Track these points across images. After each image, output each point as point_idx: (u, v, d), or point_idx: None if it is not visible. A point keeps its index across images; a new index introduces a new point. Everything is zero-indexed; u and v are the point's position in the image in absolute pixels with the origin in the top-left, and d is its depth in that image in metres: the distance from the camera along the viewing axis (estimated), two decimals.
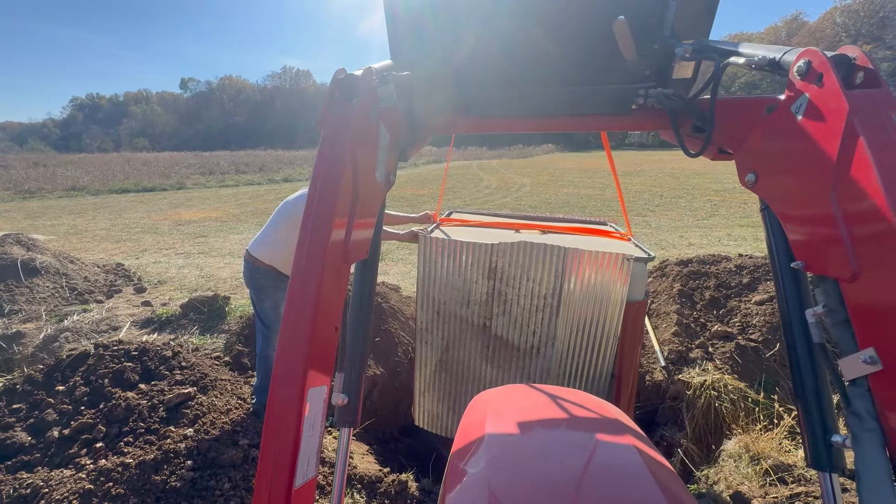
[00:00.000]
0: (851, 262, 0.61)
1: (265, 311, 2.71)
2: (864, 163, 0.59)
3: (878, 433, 0.62)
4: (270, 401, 0.67)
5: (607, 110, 1.22)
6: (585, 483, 0.85)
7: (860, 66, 0.66)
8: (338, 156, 0.77)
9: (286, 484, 0.64)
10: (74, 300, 4.84)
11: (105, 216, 11.59)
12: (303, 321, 0.69)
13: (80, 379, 2.58)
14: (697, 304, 3.97)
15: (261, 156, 32.83)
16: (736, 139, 0.90)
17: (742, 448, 2.50)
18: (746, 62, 0.82)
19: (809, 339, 0.76)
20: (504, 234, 2.50)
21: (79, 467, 2.11)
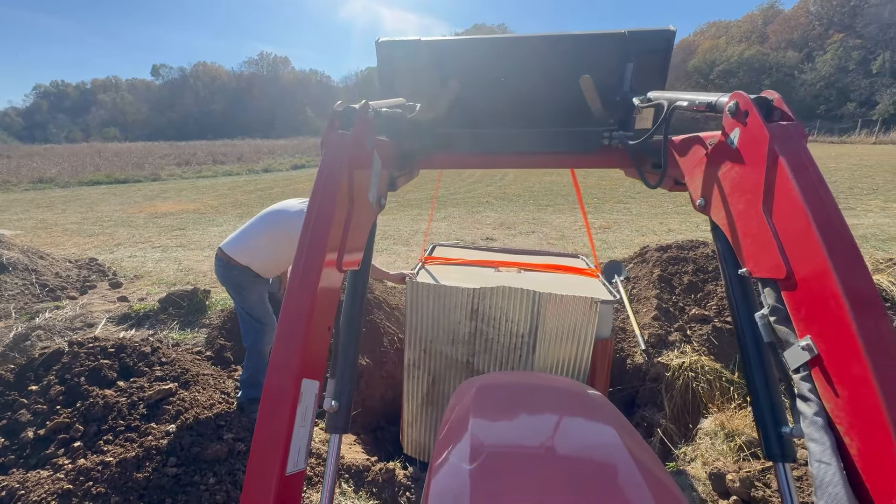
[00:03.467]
0: (784, 264, 0.72)
1: (252, 307, 2.66)
2: (784, 180, 0.72)
3: (821, 411, 0.68)
4: (266, 388, 0.70)
5: (577, 149, 1.42)
6: (565, 464, 0.87)
7: (776, 106, 0.80)
8: (336, 175, 0.87)
9: (278, 469, 0.66)
10: (46, 297, 4.67)
11: (76, 209, 11.16)
12: (300, 316, 0.74)
13: (55, 378, 2.50)
14: (676, 288, 4.08)
15: (239, 145, 31.93)
16: (687, 170, 1.04)
17: (718, 426, 2.60)
18: (689, 105, 0.97)
19: (758, 340, 0.84)
20: (485, 273, 2.72)
21: (56, 467, 2.06)
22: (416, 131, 1.39)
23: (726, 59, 45.43)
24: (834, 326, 0.65)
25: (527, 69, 1.38)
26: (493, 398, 1.16)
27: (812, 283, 0.68)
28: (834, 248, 0.66)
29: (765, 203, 0.77)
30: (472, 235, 7.97)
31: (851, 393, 0.63)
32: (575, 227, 8.43)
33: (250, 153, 26.93)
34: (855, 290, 0.63)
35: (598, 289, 2.40)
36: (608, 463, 0.89)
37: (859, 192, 10.71)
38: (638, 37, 1.29)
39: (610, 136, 1.37)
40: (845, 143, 28.13)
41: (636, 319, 3.85)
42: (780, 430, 0.82)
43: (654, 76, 1.32)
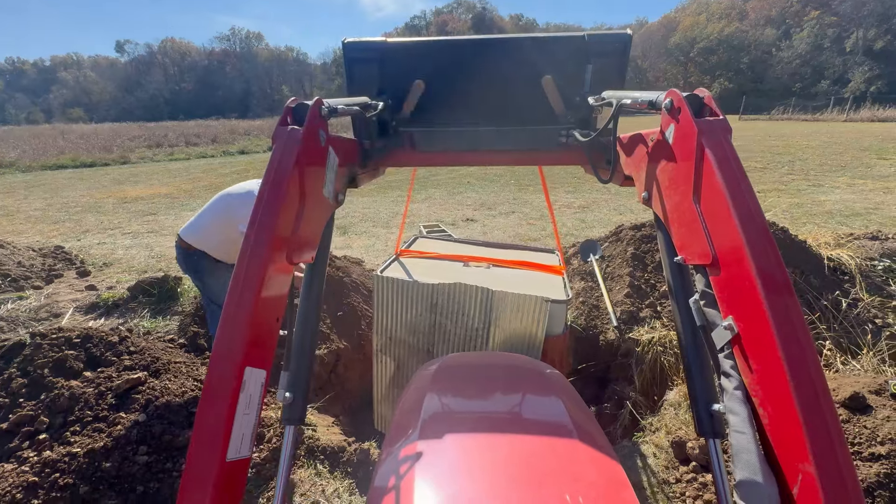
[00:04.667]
0: (710, 250, 0.78)
1: (216, 293, 2.64)
2: (709, 171, 0.78)
3: (740, 386, 0.74)
4: (208, 375, 0.71)
5: (536, 147, 1.49)
6: (510, 435, 0.90)
7: (706, 104, 0.86)
8: (285, 168, 0.88)
9: (219, 455, 0.66)
10: (8, 287, 4.49)
11: (39, 195, 10.67)
12: (242, 306, 0.75)
13: (16, 370, 2.43)
14: (649, 266, 4.17)
15: (213, 126, 30.74)
16: (633, 166, 1.11)
17: (682, 397, 2.71)
18: (632, 103, 1.03)
19: (693, 324, 0.90)
20: (453, 267, 2.82)
21: (21, 460, 2.02)
22: (378, 130, 1.42)
23: (706, 37, 45.52)
24: (750, 307, 0.70)
25: (491, 70, 1.43)
26: (448, 377, 1.18)
27: (732, 268, 0.74)
28: (750, 235, 0.71)
29: (695, 194, 0.82)
30: (453, 216, 7.96)
31: (764, 368, 0.69)
32: (555, 208, 8.49)
33: (225, 134, 26.01)
34: (767, 273, 0.69)
35: (555, 288, 2.49)
36: (551, 434, 0.92)
37: (828, 169, 11.04)
38: (596, 40, 1.36)
39: (567, 134, 1.43)
40: (818, 120, 28.82)
41: (609, 297, 3.94)
42: (710, 407, 0.87)
43: (613, 77, 1.39)
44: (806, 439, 0.60)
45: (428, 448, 0.90)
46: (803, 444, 0.61)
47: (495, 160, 1.57)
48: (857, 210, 7.22)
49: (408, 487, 0.81)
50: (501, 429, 0.95)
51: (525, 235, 6.73)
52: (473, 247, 3.40)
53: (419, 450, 0.89)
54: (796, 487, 0.62)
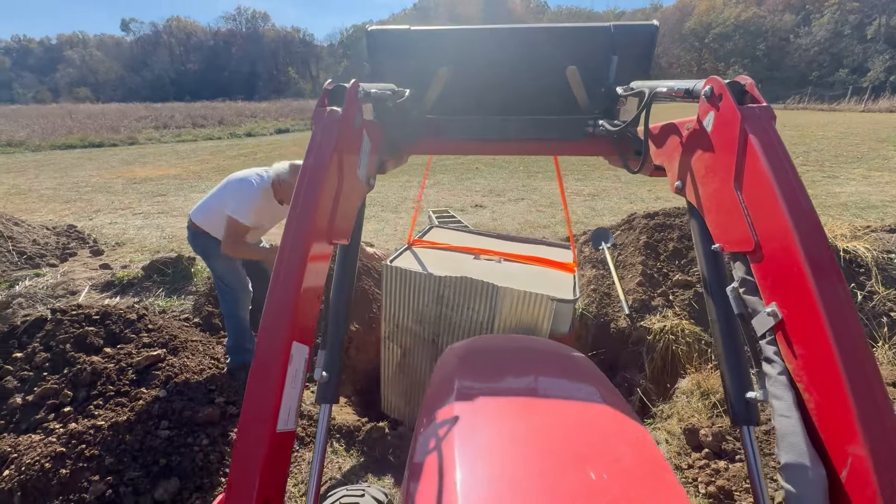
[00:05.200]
0: (752, 236, 0.78)
1: (223, 273, 2.69)
2: (753, 158, 0.77)
3: (784, 371, 0.74)
4: (258, 349, 0.72)
5: (562, 137, 1.47)
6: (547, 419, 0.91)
7: (748, 91, 0.86)
8: (325, 149, 0.90)
9: (269, 426, 0.67)
10: (24, 265, 4.55)
11: (50, 174, 10.72)
12: (290, 282, 0.76)
13: (39, 345, 2.48)
14: (661, 254, 4.14)
15: (219, 108, 30.54)
16: (665, 156, 1.10)
17: (694, 385, 2.72)
18: (668, 91, 1.02)
19: (728, 312, 0.90)
20: (464, 260, 2.81)
21: (48, 432, 2.08)
22: (404, 117, 1.42)
23: (722, 22, 44.28)
24: (796, 292, 0.70)
25: (515, 59, 1.43)
26: (479, 355, 1.19)
27: (777, 253, 0.73)
28: (797, 219, 0.70)
29: (736, 180, 0.82)
30: (461, 202, 7.92)
31: (810, 352, 0.68)
32: (565, 196, 8.42)
33: (231, 116, 25.85)
34: (815, 257, 0.68)
35: (563, 286, 2.48)
36: (586, 414, 0.93)
37: (844, 161, 10.83)
38: (623, 31, 1.36)
39: (594, 124, 1.42)
40: (835, 110, 28.13)
41: (621, 285, 3.93)
42: (745, 395, 0.88)
43: (638, 68, 1.38)
44: (857, 422, 0.60)
45: (466, 424, 0.91)
46: (853, 427, 0.61)
47: (521, 150, 1.56)
48: (873, 202, 7.10)
49: (450, 464, 0.82)
50: (536, 407, 0.96)
51: (534, 223, 6.69)
52: (488, 239, 3.39)
53: (457, 426, 0.90)
54: (845, 471, 0.62)
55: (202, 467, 2.08)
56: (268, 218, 2.67)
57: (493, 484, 0.77)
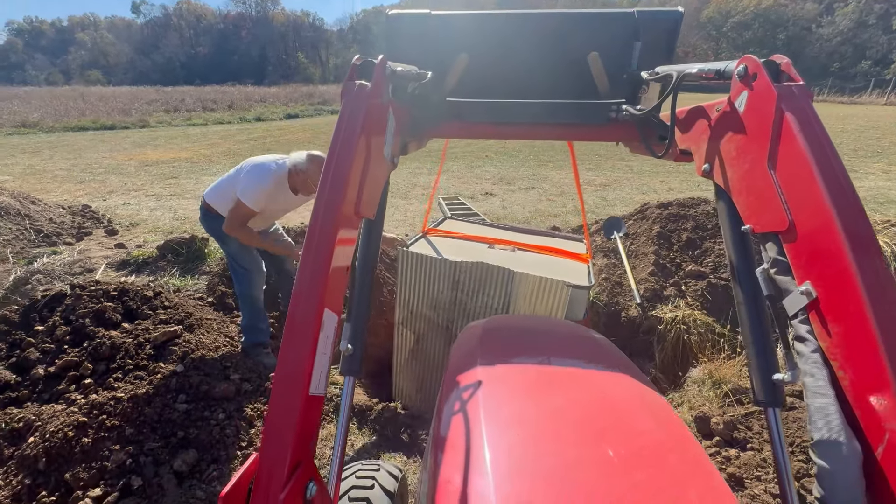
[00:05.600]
0: (787, 215, 0.77)
1: (236, 254, 2.71)
2: (790, 135, 0.77)
3: (817, 350, 0.74)
4: (291, 314, 0.73)
5: (585, 121, 1.46)
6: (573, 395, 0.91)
7: (784, 70, 0.85)
8: (355, 121, 0.90)
9: (302, 389, 0.68)
10: (41, 242, 4.63)
11: (63, 156, 10.83)
12: (322, 250, 0.77)
13: (60, 319, 2.53)
14: (675, 245, 4.10)
15: (229, 92, 30.50)
16: (693, 138, 1.09)
17: (706, 374, 2.71)
18: (699, 73, 1.01)
19: (756, 294, 0.91)
20: (478, 248, 2.81)
21: (70, 402, 2.13)
22: (425, 100, 1.42)
23: (742, 10, 43.02)
24: (833, 269, 0.69)
25: (536, 45, 1.42)
26: (499, 332, 1.20)
27: (813, 231, 0.73)
28: (835, 195, 0.70)
29: (770, 160, 0.81)
30: (471, 190, 7.88)
31: (846, 330, 0.68)
32: (575, 185, 8.35)
33: (241, 100, 25.83)
34: (854, 232, 0.67)
35: (578, 274, 2.48)
36: (613, 391, 0.93)
37: (863, 155, 10.58)
38: (647, 17, 1.34)
39: (617, 109, 1.41)
40: (855, 103, 27.40)
41: (633, 275, 3.90)
42: (772, 377, 0.88)
43: (661, 55, 1.36)
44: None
45: (490, 396, 0.92)
46: (892, 402, 0.60)
47: (542, 134, 1.55)
48: (893, 197, 6.95)
49: (477, 435, 0.82)
50: (560, 380, 0.96)
51: (545, 211, 6.65)
52: (501, 230, 3.39)
53: (482, 398, 0.91)
54: (881, 447, 0.62)
55: (219, 440, 2.13)
56: (278, 206, 2.68)
57: (521, 455, 0.78)
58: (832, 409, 0.68)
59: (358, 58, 1.02)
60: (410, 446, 2.35)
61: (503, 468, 0.75)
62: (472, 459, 0.78)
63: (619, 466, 0.75)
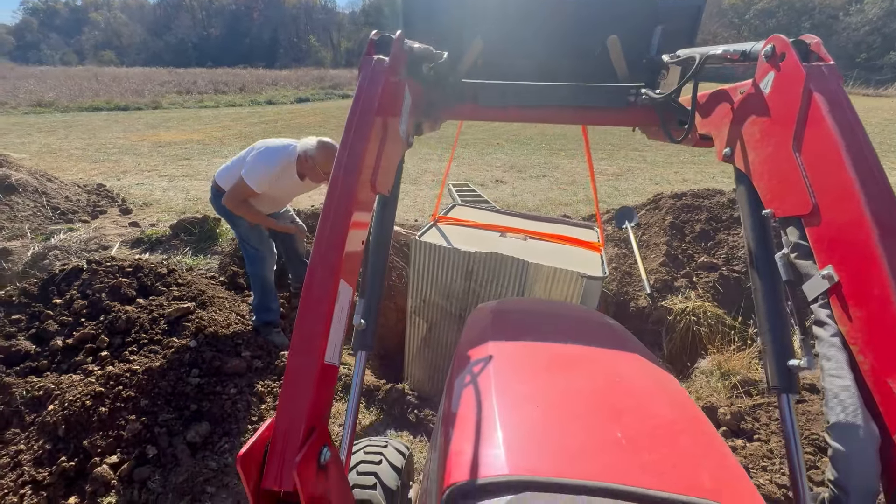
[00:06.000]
0: (810, 198, 0.75)
1: (247, 235, 2.74)
2: (818, 116, 0.74)
3: (837, 333, 0.73)
4: (308, 283, 0.73)
5: (602, 105, 1.43)
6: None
7: (813, 50, 0.82)
8: (373, 94, 0.89)
9: (318, 356, 0.69)
10: (58, 219, 4.71)
11: (78, 135, 10.95)
12: (339, 220, 0.77)
13: (77, 293, 2.59)
14: (687, 236, 4.05)
15: (241, 74, 30.44)
16: (713, 123, 1.08)
17: (714, 365, 2.70)
18: (723, 54, 0.99)
19: (774, 280, 0.90)
20: (490, 237, 2.80)
21: (87, 373, 2.19)
22: (440, 80, 1.42)
23: None
24: (857, 253, 0.68)
25: (554, 27, 1.41)
26: (510, 315, 1.20)
27: (838, 214, 0.72)
28: (864, 178, 0.68)
29: (795, 142, 0.79)
30: (482, 177, 7.83)
31: (869, 313, 0.67)
32: (587, 174, 8.23)
33: (252, 83, 25.78)
34: (881, 216, 0.66)
35: (592, 264, 2.46)
36: (625, 370, 0.93)
37: (887, 150, 10.27)
38: (669, 2, 1.33)
39: (636, 93, 1.39)
40: (881, 95, 26.50)
41: (643, 265, 3.87)
42: (787, 363, 0.87)
43: (682, 42, 1.34)
44: None
45: (502, 371, 0.92)
46: None
47: (558, 118, 1.53)
48: None
49: (488, 407, 0.83)
50: (572, 356, 0.97)
51: (555, 200, 6.59)
52: (512, 217, 3.37)
53: (493, 373, 0.91)
54: None
55: (230, 414, 2.18)
56: (283, 191, 2.69)
57: (532, 426, 0.79)
58: (850, 392, 0.67)
59: (376, 32, 1.01)
60: (417, 426, 2.39)
61: (514, 439, 0.76)
62: (483, 430, 0.78)
63: (632, 442, 0.76)
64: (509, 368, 0.95)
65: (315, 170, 2.52)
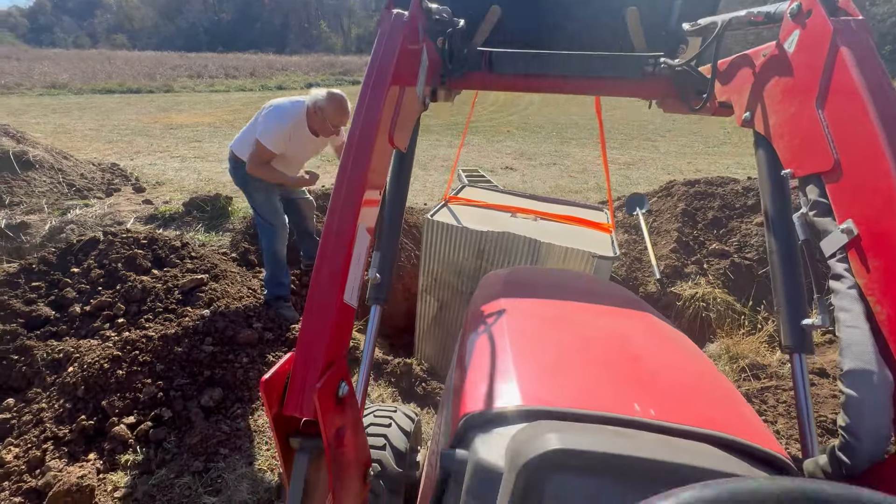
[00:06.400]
0: (832, 153, 0.75)
1: (260, 206, 2.76)
2: (843, 71, 0.73)
3: (854, 286, 0.74)
4: (328, 224, 0.75)
5: (619, 75, 1.40)
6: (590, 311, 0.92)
7: (842, 7, 0.80)
8: (392, 46, 0.89)
9: (337, 295, 0.71)
10: (74, 196, 4.79)
11: (92, 117, 11.05)
12: (358, 165, 0.78)
13: (94, 262, 2.64)
14: (699, 223, 4.01)
15: (251, 59, 30.42)
16: (733, 89, 1.07)
17: (723, 350, 2.69)
18: (746, 16, 0.98)
19: (790, 241, 0.91)
20: (501, 217, 2.79)
21: (104, 338, 2.25)
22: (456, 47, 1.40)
23: None
24: (878, 203, 0.68)
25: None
26: (522, 278, 1.21)
27: (860, 167, 0.71)
28: (889, 127, 0.67)
29: (818, 99, 0.79)
30: (492, 164, 7.79)
31: (887, 263, 0.67)
32: (598, 162, 8.14)
33: (263, 68, 25.77)
34: None
35: (602, 244, 2.45)
36: (636, 326, 0.94)
37: None
38: None
39: (654, 63, 1.37)
40: None
41: (654, 251, 3.84)
42: (800, 322, 0.88)
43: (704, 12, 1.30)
44: None
45: (516, 324, 0.93)
46: None
47: (574, 88, 1.51)
48: None
49: (503, 353, 0.85)
50: (585, 313, 0.98)
51: (566, 188, 6.54)
52: (521, 199, 3.35)
53: (507, 326, 0.93)
54: None
55: (242, 381, 2.22)
56: (298, 149, 2.67)
57: (546, 365, 0.80)
58: (866, 341, 0.67)
59: None
60: (425, 398, 2.43)
61: (528, 374, 0.78)
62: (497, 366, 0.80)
63: (646, 381, 0.77)
64: (523, 319, 0.96)
65: (325, 123, 2.51)
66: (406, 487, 1.42)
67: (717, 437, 0.64)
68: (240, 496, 1.79)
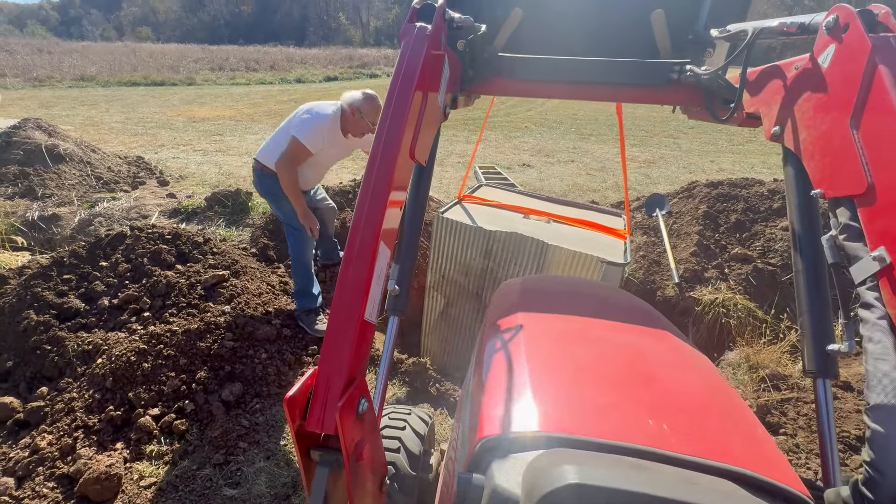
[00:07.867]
0: (867, 176, 0.72)
1: (289, 214, 2.65)
2: (882, 89, 0.70)
3: (885, 316, 0.71)
4: (350, 241, 0.76)
5: (643, 82, 1.37)
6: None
7: (881, 21, 0.77)
8: (415, 61, 0.90)
9: (359, 312, 0.72)
10: (101, 189, 4.94)
11: (118, 109, 11.35)
12: (381, 184, 0.79)
13: (121, 257, 2.73)
14: (721, 226, 3.91)
15: (271, 52, 30.75)
16: (762, 101, 1.03)
17: (742, 358, 2.64)
18: (779, 27, 0.94)
19: (818, 262, 0.89)
20: (513, 218, 2.74)
21: (131, 331, 2.33)
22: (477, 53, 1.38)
23: None
24: None
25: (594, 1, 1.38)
26: (538, 288, 1.21)
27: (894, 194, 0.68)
28: None
29: (853, 118, 0.76)
30: (508, 160, 7.73)
31: None
32: (617, 160, 8.00)
33: (282, 61, 26.00)
34: None
35: (614, 250, 2.40)
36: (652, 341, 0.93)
37: None
38: None
39: (680, 70, 1.32)
40: None
41: (673, 254, 3.77)
42: (825, 346, 0.86)
43: (732, 16, 1.27)
44: None
45: (533, 339, 0.94)
46: None
47: (596, 94, 1.48)
48: None
49: (520, 368, 0.85)
50: (601, 327, 0.97)
51: (583, 186, 6.45)
52: (537, 200, 3.32)
53: (524, 341, 0.93)
54: None
55: (261, 377, 2.28)
56: (329, 150, 2.61)
57: (563, 388, 0.80)
58: (894, 375, 0.65)
59: (418, 1, 1.02)
60: (438, 399, 2.45)
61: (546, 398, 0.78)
62: (514, 389, 0.81)
63: (662, 408, 0.76)
64: (540, 336, 0.96)
65: (362, 121, 2.47)
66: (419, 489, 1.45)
67: (737, 473, 0.64)
68: (258, 489, 1.85)
